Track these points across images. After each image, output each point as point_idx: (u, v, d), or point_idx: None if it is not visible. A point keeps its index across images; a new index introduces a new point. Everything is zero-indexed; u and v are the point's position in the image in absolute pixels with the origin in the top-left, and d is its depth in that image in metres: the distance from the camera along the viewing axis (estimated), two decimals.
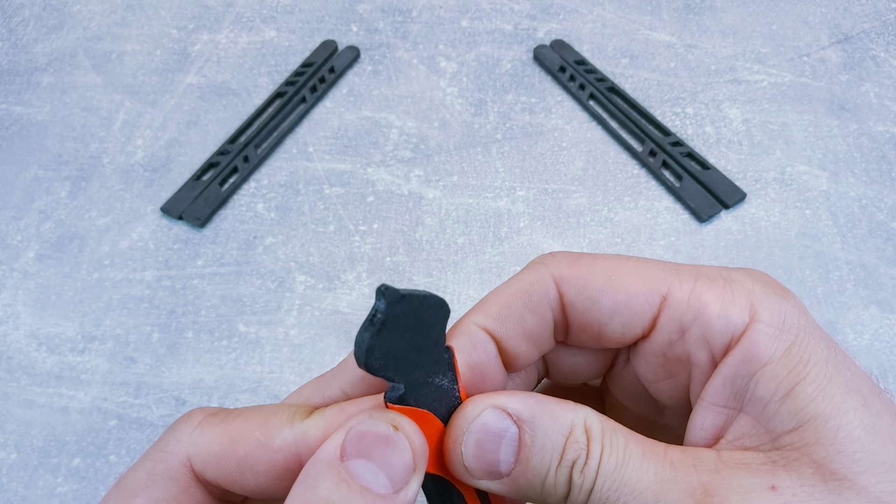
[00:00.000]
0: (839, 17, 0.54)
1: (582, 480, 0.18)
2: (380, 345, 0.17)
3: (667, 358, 0.21)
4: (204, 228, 0.44)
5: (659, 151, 0.46)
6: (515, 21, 0.54)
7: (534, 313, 0.21)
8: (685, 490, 0.17)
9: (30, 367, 0.39)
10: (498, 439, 0.19)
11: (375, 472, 0.17)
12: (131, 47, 0.54)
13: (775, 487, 0.17)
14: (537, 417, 0.19)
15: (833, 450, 0.17)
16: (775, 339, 0.19)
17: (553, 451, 0.18)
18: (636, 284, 0.20)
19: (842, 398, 0.18)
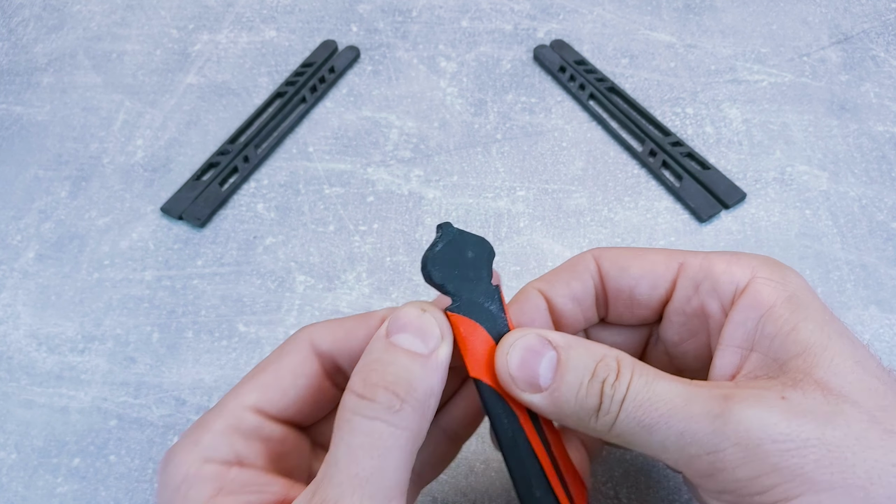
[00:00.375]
0: (839, 17, 0.54)
1: (613, 392, 0.21)
2: (437, 263, 0.24)
3: (687, 315, 0.25)
4: (204, 228, 0.44)
5: (659, 151, 0.46)
6: (515, 21, 0.54)
7: (578, 279, 0.26)
8: (709, 398, 0.21)
9: (30, 367, 0.39)
10: (538, 357, 0.23)
11: (413, 339, 0.22)
12: (131, 47, 0.54)
13: (784, 398, 0.20)
14: (573, 346, 0.23)
15: (830, 372, 0.21)
16: (776, 288, 0.23)
17: (585, 369, 0.22)
18: (658, 256, 0.26)
19: (837, 336, 0.22)
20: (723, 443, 0.20)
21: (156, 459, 0.36)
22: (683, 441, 0.20)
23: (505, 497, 0.34)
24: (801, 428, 0.20)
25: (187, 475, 0.22)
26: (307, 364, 0.25)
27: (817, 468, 0.19)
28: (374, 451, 0.20)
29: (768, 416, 0.20)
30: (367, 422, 0.21)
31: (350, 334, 0.25)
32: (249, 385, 0.24)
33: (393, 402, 0.21)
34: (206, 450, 0.22)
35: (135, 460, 0.36)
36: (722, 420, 0.20)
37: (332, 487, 0.20)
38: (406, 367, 0.21)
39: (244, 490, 0.22)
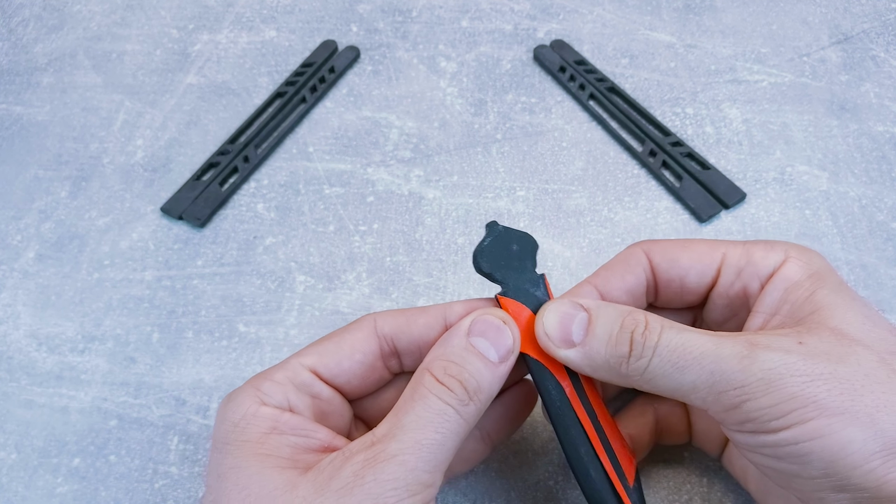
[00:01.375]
0: (839, 17, 0.54)
1: (644, 340, 0.24)
2: (485, 255, 0.27)
3: (730, 298, 0.28)
4: (204, 228, 0.44)
5: (659, 151, 0.46)
6: (515, 21, 0.54)
7: (631, 273, 0.29)
8: (736, 343, 0.24)
9: (30, 367, 0.39)
10: (571, 318, 0.26)
11: (488, 346, 0.25)
12: (131, 47, 0.54)
13: (802, 343, 0.24)
14: (602, 306, 0.26)
15: (844, 322, 0.24)
16: (802, 267, 0.27)
17: (613, 322, 0.25)
18: (703, 247, 0.29)
19: (849, 301, 0.25)
20: (749, 378, 0.23)
21: (156, 459, 0.36)
22: (713, 379, 0.23)
23: (505, 497, 0.34)
24: (815, 364, 0.23)
25: (246, 413, 0.25)
26: (367, 343, 0.28)
27: (829, 396, 0.22)
28: (441, 427, 0.24)
29: (787, 355, 0.23)
30: (442, 404, 0.24)
31: (411, 322, 0.28)
32: (312, 349, 0.28)
33: (464, 397, 0.24)
34: (265, 395, 0.26)
35: (135, 460, 0.36)
36: (749, 359, 0.23)
37: (395, 443, 0.23)
38: (480, 371, 0.25)
39: (293, 432, 0.25)
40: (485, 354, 0.25)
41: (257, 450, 0.24)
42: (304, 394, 0.27)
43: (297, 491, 0.23)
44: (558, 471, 0.35)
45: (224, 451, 0.24)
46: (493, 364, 0.25)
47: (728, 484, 0.34)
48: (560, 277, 0.41)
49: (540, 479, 0.35)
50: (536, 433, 0.36)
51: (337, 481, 0.23)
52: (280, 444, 0.24)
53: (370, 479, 0.22)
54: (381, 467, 0.22)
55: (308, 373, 0.27)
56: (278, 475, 0.23)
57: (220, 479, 0.24)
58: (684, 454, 0.35)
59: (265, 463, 0.24)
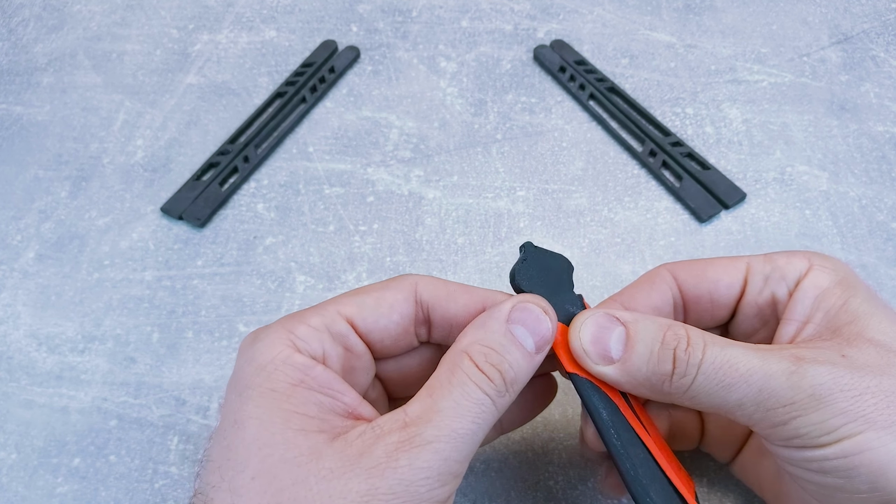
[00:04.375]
0: (839, 17, 0.54)
1: (688, 357, 0.24)
2: (523, 275, 0.27)
3: (759, 307, 0.28)
4: (204, 228, 0.44)
5: (659, 151, 0.46)
6: (515, 21, 0.54)
7: (658, 292, 0.29)
8: (781, 358, 0.23)
9: (30, 367, 0.39)
10: (608, 332, 0.25)
11: (527, 336, 0.25)
12: (131, 47, 0.54)
13: (845, 356, 0.24)
14: (640, 320, 0.25)
15: (880, 332, 0.24)
16: (829, 273, 0.27)
17: (654, 339, 0.25)
18: (725, 260, 0.29)
19: (881, 309, 0.25)
20: (798, 395, 0.23)
21: (156, 459, 0.36)
22: (762, 396, 0.23)
23: (505, 497, 0.34)
24: (861, 378, 0.23)
25: (275, 358, 0.23)
26: (406, 304, 0.27)
27: (876, 410, 0.22)
28: (478, 417, 0.23)
29: (835, 370, 0.23)
30: (481, 393, 0.23)
31: (451, 296, 0.27)
32: (351, 299, 0.26)
33: (502, 388, 0.24)
34: (299, 340, 0.24)
35: (135, 460, 0.36)
36: (798, 375, 0.23)
37: (431, 429, 0.22)
38: (518, 361, 0.24)
39: (322, 390, 0.24)
40: (523, 343, 0.24)
41: (283, 403, 0.23)
42: (338, 344, 0.25)
43: (322, 461, 0.22)
44: (558, 471, 0.35)
45: (245, 395, 0.23)
46: (529, 354, 0.25)
47: (728, 484, 0.34)
48: None
49: (540, 479, 0.35)
50: (536, 433, 0.36)
51: (368, 459, 0.22)
52: (307, 400, 0.23)
53: (405, 464, 0.21)
54: (417, 453, 0.22)
55: (345, 322, 0.26)
56: (304, 439, 0.22)
57: (237, 427, 0.23)
58: (684, 454, 0.35)
59: (290, 422, 0.22)
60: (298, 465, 0.22)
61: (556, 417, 0.36)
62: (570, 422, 0.36)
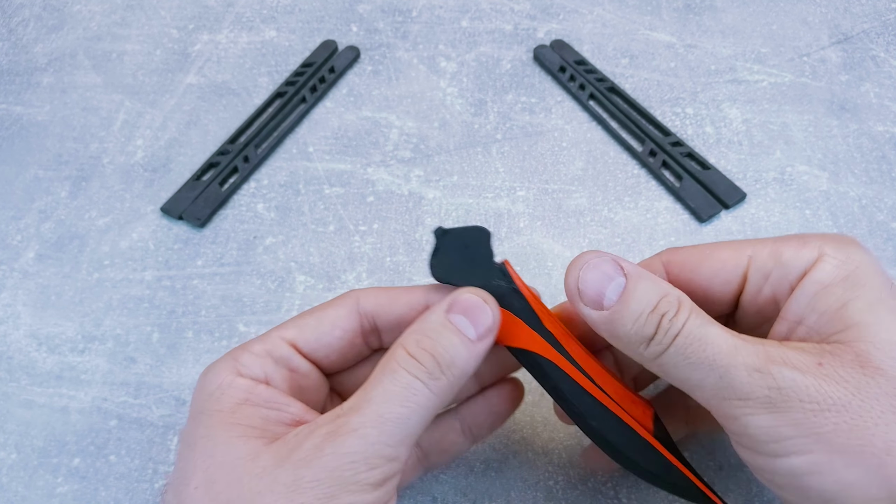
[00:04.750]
0: (839, 17, 0.54)
1: (669, 326, 0.23)
2: (438, 264, 0.27)
3: (759, 305, 0.26)
4: (204, 228, 0.44)
5: (659, 151, 0.46)
6: (515, 21, 0.54)
7: None
8: (752, 353, 0.22)
9: (30, 367, 0.39)
10: (608, 279, 0.24)
11: (467, 324, 0.25)
12: (131, 47, 0.54)
13: (821, 364, 0.22)
14: (643, 277, 0.25)
15: (871, 346, 0.22)
16: (837, 267, 0.24)
17: (649, 301, 0.24)
18: (726, 252, 0.26)
19: (886, 314, 0.23)
20: (755, 392, 0.22)
21: (156, 459, 0.36)
22: (721, 384, 0.22)
23: (504, 497, 0.34)
24: (829, 392, 0.21)
25: (222, 384, 0.25)
26: (348, 319, 0.28)
27: (835, 430, 0.21)
28: (407, 402, 0.23)
29: (801, 377, 0.21)
30: (409, 377, 0.23)
31: (393, 300, 0.28)
32: (292, 323, 0.28)
33: (434, 371, 0.24)
34: (243, 367, 0.26)
35: (135, 460, 0.36)
36: (759, 374, 0.22)
37: (357, 417, 0.23)
38: (455, 346, 0.24)
39: (266, 405, 0.25)
40: (462, 331, 0.25)
41: (228, 419, 0.24)
42: (282, 367, 0.27)
43: (258, 461, 0.23)
44: (558, 471, 0.35)
45: (197, 420, 0.24)
46: (470, 341, 0.25)
47: (728, 484, 0.34)
48: (560, 277, 0.41)
49: (540, 479, 0.35)
50: (536, 433, 0.36)
51: (298, 452, 0.22)
52: (251, 414, 0.24)
53: (329, 452, 0.22)
54: (342, 440, 0.22)
55: (287, 346, 0.27)
56: (243, 444, 0.23)
57: (189, 448, 0.24)
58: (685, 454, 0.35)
59: (232, 432, 0.24)
60: (235, 467, 0.23)
61: (555, 417, 0.36)
62: None
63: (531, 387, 0.37)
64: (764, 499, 0.34)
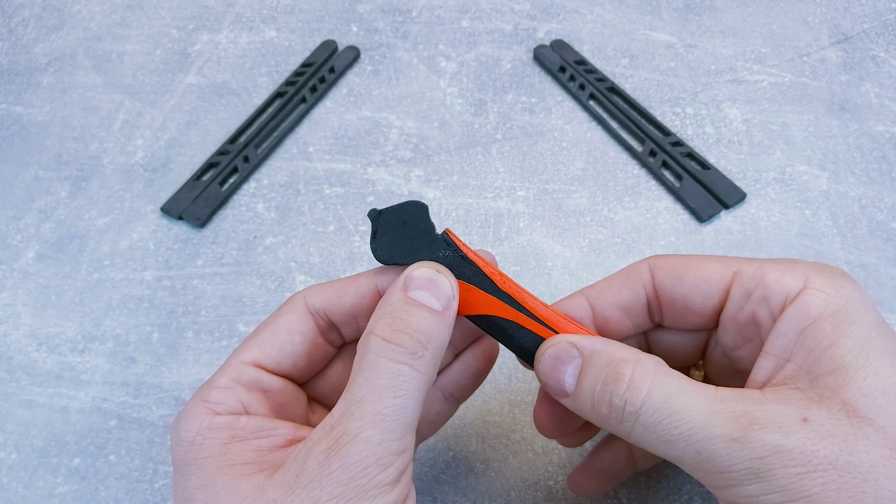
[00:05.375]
0: (839, 17, 0.54)
1: (624, 404, 0.22)
2: (380, 246, 0.26)
3: (740, 324, 0.25)
4: (204, 228, 0.44)
5: (659, 151, 0.46)
6: (515, 21, 0.54)
7: (629, 289, 0.27)
8: (730, 417, 0.21)
9: (30, 367, 0.39)
10: (565, 364, 0.24)
11: (429, 297, 0.24)
12: (131, 47, 0.54)
13: (806, 419, 0.21)
14: (597, 352, 0.24)
15: (859, 393, 0.21)
16: (825, 301, 0.23)
17: (598, 376, 0.23)
18: (713, 265, 0.26)
19: (876, 356, 0.21)
20: (736, 465, 0.21)
21: (156, 459, 0.36)
22: (700, 458, 0.21)
23: (505, 497, 0.34)
24: (815, 451, 0.20)
25: (200, 428, 0.24)
26: (302, 322, 0.26)
27: (824, 491, 0.20)
28: (399, 391, 0.22)
29: (785, 440, 0.20)
30: (394, 364, 0.23)
31: (342, 292, 0.27)
32: (249, 344, 0.26)
33: (417, 348, 0.23)
34: (215, 404, 0.24)
35: (135, 460, 0.36)
36: (738, 444, 0.21)
37: (354, 421, 0.22)
38: (426, 320, 0.24)
39: (255, 435, 0.24)
40: (427, 304, 0.24)
41: (220, 463, 0.23)
42: (255, 391, 0.25)
43: (266, 494, 0.22)
44: (558, 471, 0.35)
45: (186, 472, 0.23)
46: (437, 313, 0.24)
47: None
48: (560, 277, 0.41)
49: (540, 479, 0.35)
50: (536, 433, 0.36)
51: (304, 476, 0.22)
52: (243, 450, 0.23)
53: (337, 466, 0.21)
54: (346, 451, 0.21)
55: (252, 368, 0.26)
56: (245, 483, 0.22)
57: (188, 502, 0.23)
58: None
59: (231, 474, 0.23)
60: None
61: None
62: None
63: (531, 387, 0.37)
64: None
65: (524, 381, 0.38)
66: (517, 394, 0.37)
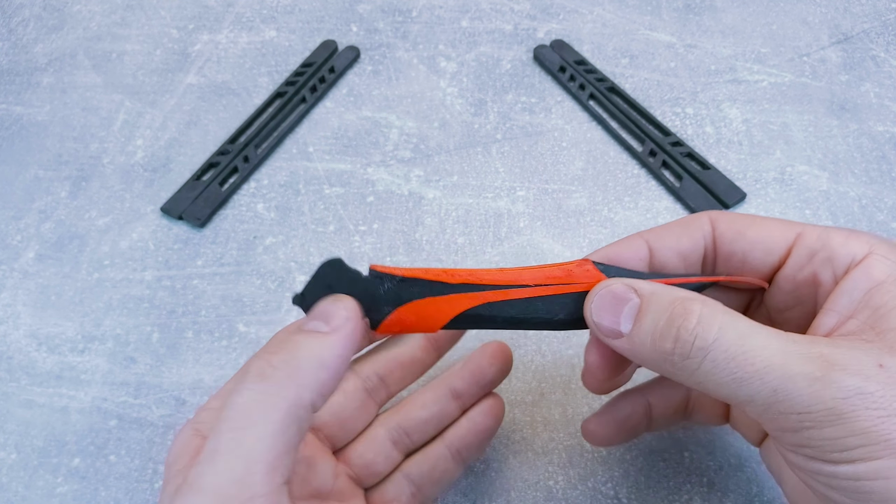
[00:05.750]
0: (839, 17, 0.54)
1: (693, 339, 0.22)
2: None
3: (797, 283, 0.25)
4: (204, 228, 0.44)
5: (659, 151, 0.46)
6: (515, 21, 0.54)
7: (689, 237, 0.26)
8: (807, 358, 0.21)
9: (30, 367, 0.39)
10: (621, 305, 0.24)
11: (318, 323, 0.23)
12: (131, 47, 0.54)
13: (882, 366, 0.21)
14: (657, 292, 0.24)
15: None
16: (889, 266, 0.23)
17: (662, 312, 0.23)
18: (776, 224, 0.26)
19: None
20: (817, 405, 0.20)
21: (156, 459, 0.36)
22: (776, 398, 0.21)
23: (505, 497, 0.34)
24: (895, 396, 0.20)
25: (186, 448, 0.23)
26: None
27: None
28: (244, 421, 0.21)
29: (865, 384, 0.20)
30: (238, 392, 0.21)
31: None
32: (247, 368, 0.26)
33: (265, 369, 0.21)
34: (202, 424, 0.24)
35: (135, 460, 0.36)
36: (821, 384, 0.20)
37: (199, 467, 0.20)
38: (297, 344, 0.22)
39: None
40: (314, 330, 0.23)
41: None
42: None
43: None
44: (558, 471, 0.35)
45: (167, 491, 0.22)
46: (321, 334, 0.23)
47: (728, 484, 0.34)
48: None
49: (540, 479, 0.35)
50: (536, 433, 0.36)
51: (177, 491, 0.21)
52: None
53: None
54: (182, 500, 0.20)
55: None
56: None
57: None
58: (684, 454, 0.35)
59: None
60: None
61: (556, 417, 0.36)
62: (570, 421, 0.36)
63: (530, 387, 0.37)
64: (764, 499, 0.34)
65: (524, 381, 0.38)
66: (517, 394, 0.37)
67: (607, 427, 0.31)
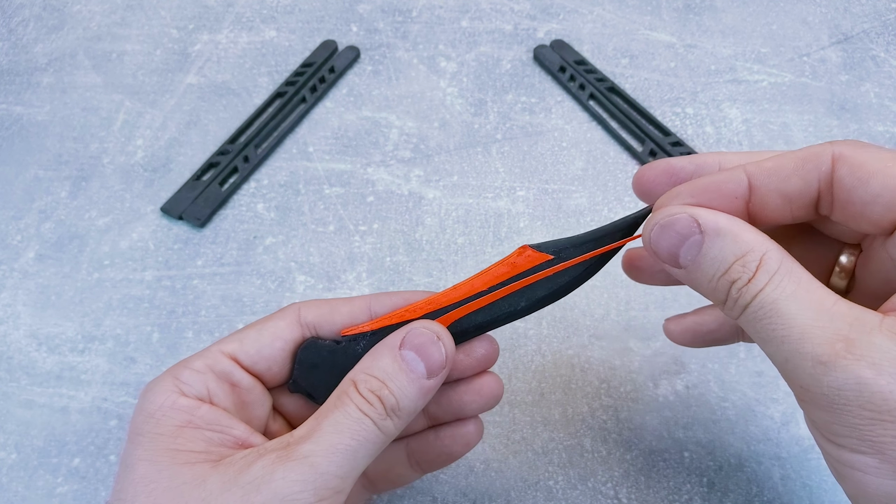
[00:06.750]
0: (839, 17, 0.54)
1: (738, 296, 0.22)
2: (319, 396, 0.27)
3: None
4: (204, 228, 0.44)
5: (659, 151, 0.46)
6: (515, 21, 0.54)
7: (802, 178, 0.23)
8: (828, 339, 0.20)
9: (30, 367, 0.39)
10: (682, 239, 0.23)
11: (418, 362, 0.25)
12: (131, 47, 0.54)
13: None
14: (721, 234, 0.22)
15: None
16: None
17: (720, 264, 0.22)
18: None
19: None
20: (814, 387, 0.20)
21: None
22: (787, 367, 0.21)
23: (505, 497, 0.34)
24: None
25: (163, 405, 0.24)
26: (289, 330, 0.27)
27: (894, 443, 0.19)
28: (357, 434, 0.23)
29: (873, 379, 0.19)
30: (360, 413, 0.24)
31: (334, 311, 0.28)
32: (233, 337, 0.27)
33: (382, 413, 0.24)
34: (184, 384, 0.25)
35: None
36: (823, 368, 0.20)
37: (309, 445, 0.23)
38: (403, 388, 0.24)
39: (209, 427, 0.25)
40: (413, 369, 0.25)
41: (170, 444, 0.24)
42: (224, 381, 0.26)
43: (205, 485, 0.22)
44: (558, 471, 0.35)
45: (136, 442, 0.24)
46: (419, 379, 0.25)
47: (728, 484, 0.34)
48: None
49: (540, 479, 0.35)
50: (536, 433, 0.36)
51: (246, 475, 0.22)
52: (194, 437, 0.24)
53: (279, 477, 0.22)
54: (292, 466, 0.22)
55: (228, 360, 0.26)
56: (188, 470, 0.23)
57: (127, 470, 0.23)
58: (684, 454, 0.35)
59: (176, 458, 0.23)
60: (181, 493, 0.22)
61: (556, 417, 0.36)
62: (569, 421, 0.36)
63: (530, 387, 0.37)
64: (764, 499, 0.34)
65: (524, 381, 0.38)
66: (517, 394, 0.37)
67: (683, 336, 0.31)
